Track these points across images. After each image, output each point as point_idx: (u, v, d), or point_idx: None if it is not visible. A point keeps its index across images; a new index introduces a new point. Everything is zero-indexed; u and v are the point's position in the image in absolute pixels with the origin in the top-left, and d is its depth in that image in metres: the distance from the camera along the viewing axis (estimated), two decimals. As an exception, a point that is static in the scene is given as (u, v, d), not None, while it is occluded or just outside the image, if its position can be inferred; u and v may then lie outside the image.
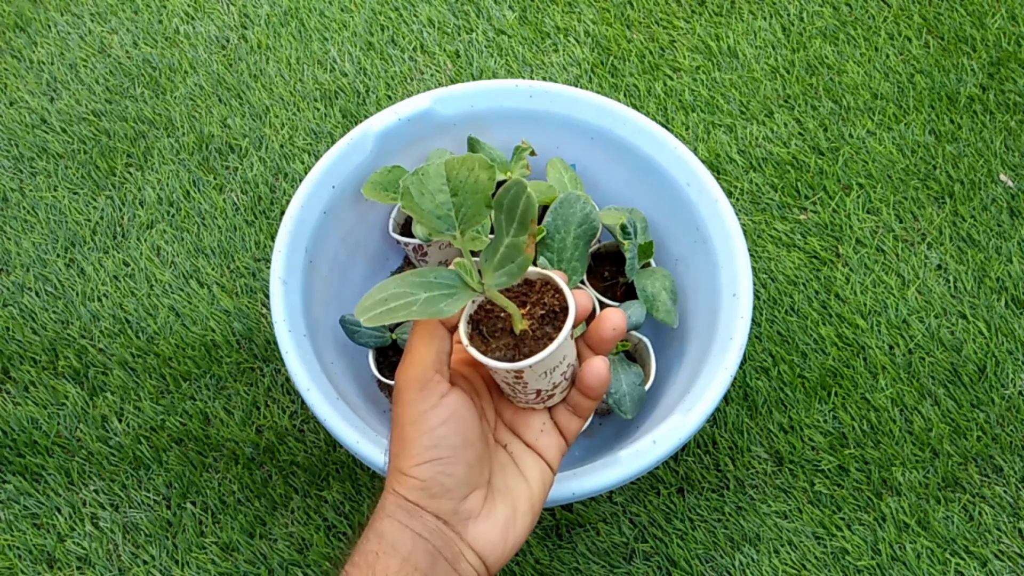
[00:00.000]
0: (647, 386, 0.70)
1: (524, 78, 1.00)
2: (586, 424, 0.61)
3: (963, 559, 0.74)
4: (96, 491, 0.78)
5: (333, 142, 0.87)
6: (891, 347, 0.84)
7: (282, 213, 0.91)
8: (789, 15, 1.05)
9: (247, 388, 0.83)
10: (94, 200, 0.94)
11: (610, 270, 0.78)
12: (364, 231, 0.79)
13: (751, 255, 0.87)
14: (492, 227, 0.72)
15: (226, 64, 1.03)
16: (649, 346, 0.74)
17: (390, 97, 1.00)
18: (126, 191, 0.94)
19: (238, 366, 0.84)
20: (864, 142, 0.95)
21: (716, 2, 1.06)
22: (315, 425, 0.81)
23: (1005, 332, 0.84)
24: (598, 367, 0.46)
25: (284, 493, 0.78)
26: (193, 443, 0.80)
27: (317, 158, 0.95)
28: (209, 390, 0.83)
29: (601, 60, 1.02)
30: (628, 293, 0.76)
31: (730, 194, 0.92)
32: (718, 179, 0.90)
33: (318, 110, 0.99)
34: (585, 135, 0.77)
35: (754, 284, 0.73)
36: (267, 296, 0.87)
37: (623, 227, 0.69)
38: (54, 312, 0.87)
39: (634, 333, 0.75)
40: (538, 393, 0.47)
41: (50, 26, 1.07)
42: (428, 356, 0.44)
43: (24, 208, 0.94)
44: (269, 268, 0.73)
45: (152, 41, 1.05)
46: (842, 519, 0.76)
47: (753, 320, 0.79)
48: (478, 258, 0.44)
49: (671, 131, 0.96)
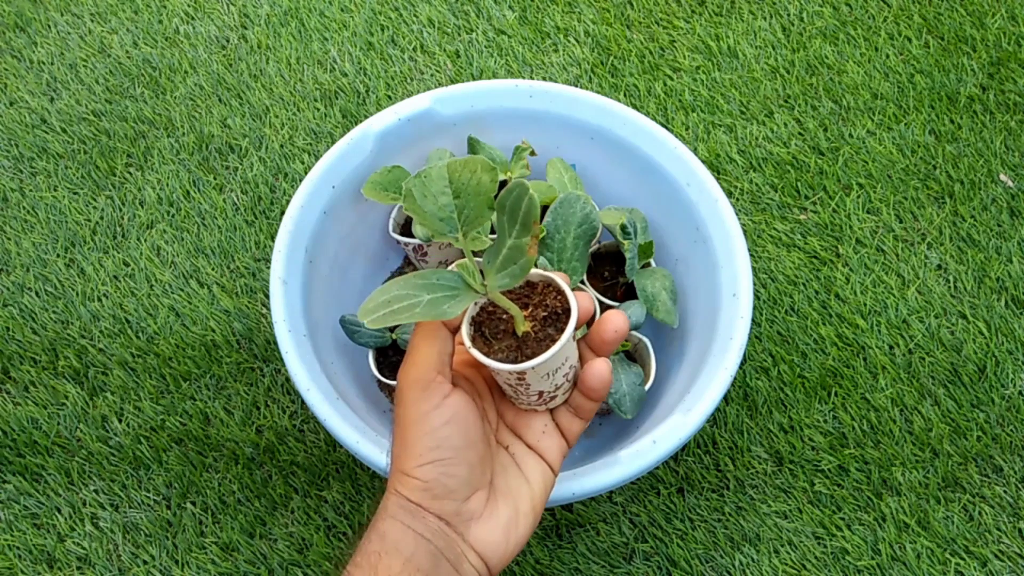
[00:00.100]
0: (647, 386, 0.70)
1: (524, 78, 1.00)
2: (587, 425, 0.61)
3: (963, 559, 0.74)
4: (96, 491, 0.78)
5: (333, 142, 0.87)
6: (891, 347, 0.84)
7: (282, 213, 0.91)
8: (789, 15, 1.05)
9: (247, 388, 0.83)
10: (94, 200, 0.94)
11: (610, 270, 0.78)
12: (364, 231, 0.79)
13: (751, 255, 0.87)
14: (492, 228, 0.72)
15: (226, 64, 1.03)
16: (649, 346, 0.74)
17: (390, 97, 1.00)
18: (126, 191, 0.94)
19: (238, 366, 0.84)
20: (864, 142, 0.95)
21: (716, 2, 1.06)
22: (315, 425, 0.81)
23: (1005, 332, 0.84)
24: (600, 369, 0.46)
25: (284, 493, 0.78)
26: (193, 443, 0.80)
27: (317, 158, 0.95)
28: (209, 390, 0.83)
29: (601, 60, 1.02)
30: (628, 293, 0.76)
31: (730, 194, 0.93)
32: (718, 179, 0.90)
33: (318, 110, 0.99)
34: (585, 135, 0.77)
35: (754, 284, 0.73)
36: (267, 296, 0.87)
37: (623, 227, 0.69)
38: (54, 312, 0.87)
39: (634, 333, 0.75)
40: (540, 395, 0.47)
41: (50, 26, 1.07)
42: (430, 357, 0.44)
43: (24, 208, 0.93)
44: (269, 268, 0.73)
45: (152, 41, 1.05)
46: (842, 519, 0.76)
47: (753, 320, 0.79)
48: (480, 259, 0.44)
49: (671, 131, 0.96)
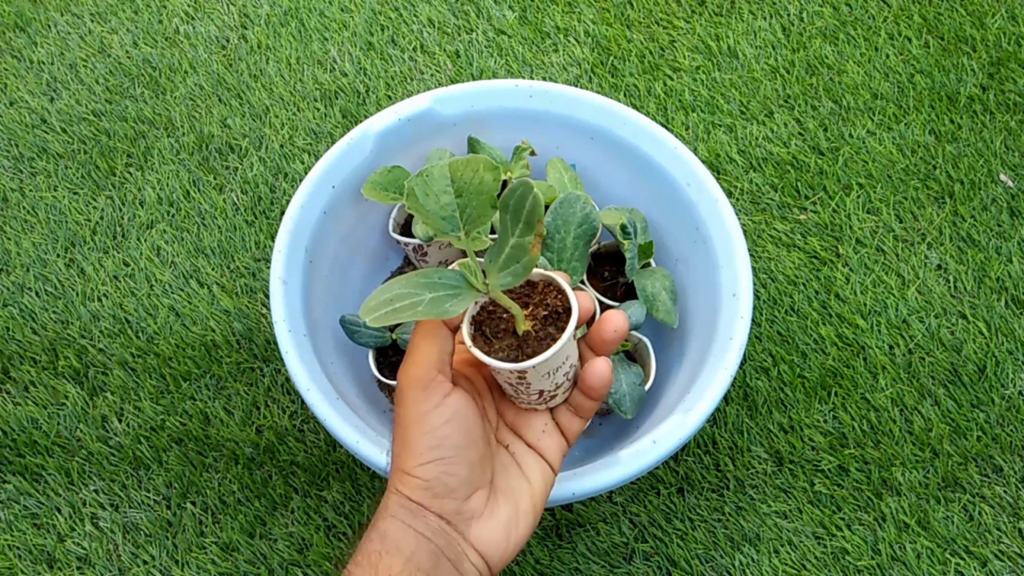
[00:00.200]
0: (647, 386, 0.70)
1: (524, 78, 1.00)
2: (587, 424, 0.61)
3: (963, 559, 0.74)
4: (96, 491, 0.78)
5: (333, 142, 0.87)
6: (891, 347, 0.84)
7: (282, 213, 0.91)
8: (789, 15, 1.05)
9: (247, 388, 0.83)
10: (94, 200, 0.94)
11: (610, 270, 0.78)
12: (364, 231, 0.79)
13: (751, 255, 0.87)
14: (492, 228, 0.72)
15: (226, 64, 1.03)
16: (649, 346, 0.74)
17: (390, 97, 1.00)
18: (126, 191, 0.94)
19: (238, 366, 0.84)
20: (864, 142, 0.96)
21: (716, 2, 1.06)
22: (315, 425, 0.81)
23: (1005, 332, 0.84)
24: (600, 368, 0.46)
25: (284, 493, 0.78)
26: (193, 443, 0.80)
27: (317, 158, 0.95)
28: (209, 390, 0.83)
29: (601, 60, 1.02)
30: (628, 293, 0.76)
31: (730, 194, 0.93)
32: (718, 179, 0.90)
33: (318, 110, 0.99)
34: (585, 135, 0.77)
35: (754, 284, 0.73)
36: (267, 296, 0.87)
37: (623, 227, 0.69)
38: (54, 312, 0.87)
39: (634, 333, 0.75)
40: (540, 394, 0.47)
41: (50, 26, 1.06)
42: (431, 356, 0.44)
43: (24, 208, 0.93)
44: (269, 268, 0.73)
45: (152, 41, 1.05)
46: (842, 519, 0.76)
47: (753, 320, 0.79)
48: (481, 259, 0.44)
49: (671, 131, 0.96)
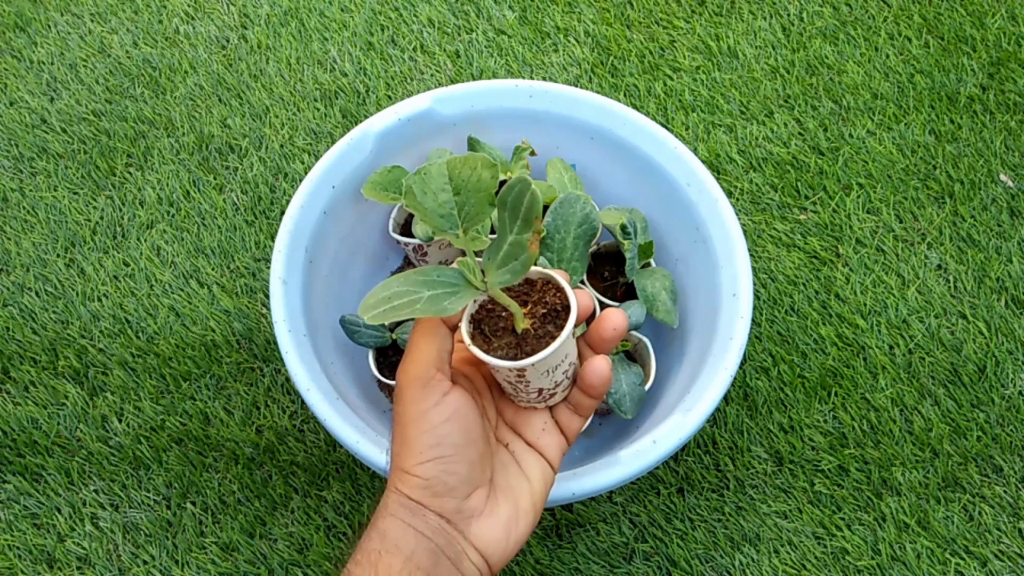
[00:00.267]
0: (647, 386, 0.70)
1: (524, 78, 1.00)
2: (587, 423, 0.61)
3: (963, 559, 0.74)
4: (96, 491, 0.78)
5: (333, 142, 0.87)
6: (891, 347, 0.84)
7: (282, 213, 0.91)
8: (789, 15, 1.05)
9: (247, 388, 0.83)
10: (94, 200, 0.94)
11: (610, 270, 0.78)
12: (364, 231, 0.79)
13: (751, 255, 0.87)
14: (492, 228, 0.72)
15: (226, 64, 1.03)
16: (649, 346, 0.74)
17: (390, 97, 1.00)
18: (126, 191, 0.94)
19: (238, 366, 0.84)
20: (864, 142, 0.96)
21: (716, 2, 1.06)
22: (315, 425, 0.81)
23: (1005, 332, 0.84)
24: (600, 366, 0.46)
25: (284, 493, 0.78)
26: (193, 443, 0.80)
27: (317, 158, 0.95)
28: (209, 390, 0.83)
29: (601, 60, 1.02)
30: (628, 293, 0.76)
31: (730, 194, 0.93)
32: (718, 179, 0.90)
33: (318, 110, 0.99)
34: (585, 135, 0.77)
35: (754, 284, 0.73)
36: (267, 296, 0.87)
37: (623, 227, 0.69)
38: (54, 312, 0.87)
39: (634, 333, 0.75)
40: (540, 392, 0.47)
41: (50, 26, 1.07)
42: (430, 354, 0.44)
43: (24, 208, 0.93)
44: (269, 268, 0.73)
45: (152, 41, 1.05)
46: (842, 519, 0.76)
47: (753, 320, 0.79)
48: (480, 258, 0.44)
49: (671, 131, 0.96)
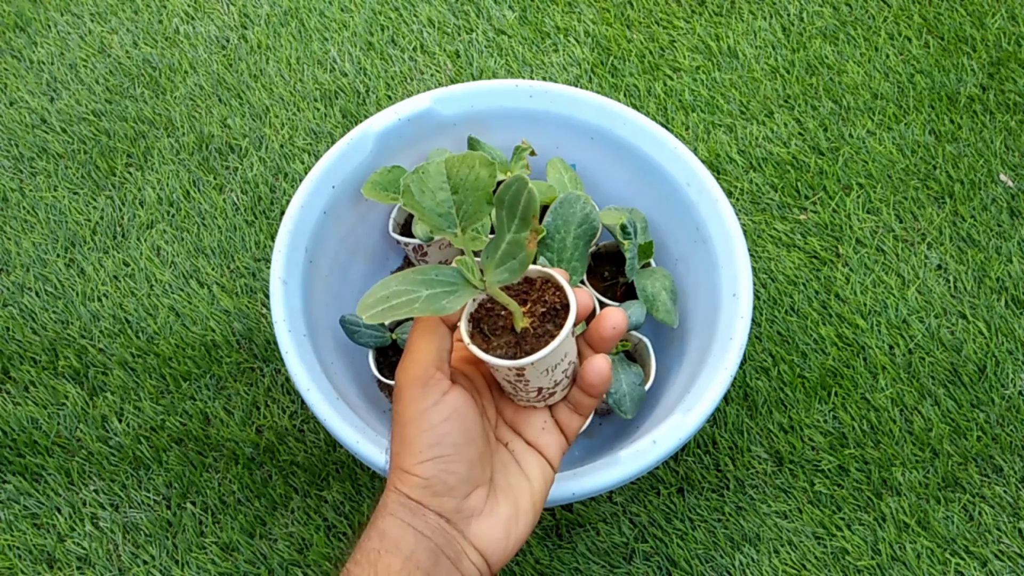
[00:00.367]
0: (647, 386, 0.70)
1: (524, 78, 1.00)
2: (587, 423, 0.61)
3: (963, 559, 0.74)
4: (96, 491, 0.78)
5: (333, 142, 0.87)
6: (891, 347, 0.84)
7: (282, 213, 0.91)
8: (789, 15, 1.05)
9: (247, 388, 0.83)
10: (94, 200, 0.94)
11: (610, 270, 0.78)
12: (364, 231, 0.79)
13: (751, 255, 0.87)
14: (492, 227, 0.72)
15: (226, 64, 1.03)
16: (649, 346, 0.74)
17: (390, 97, 1.00)
18: (126, 191, 0.94)
19: (238, 366, 0.84)
20: (864, 142, 0.95)
21: (716, 2, 1.06)
22: (315, 425, 0.81)
23: (1005, 332, 0.84)
24: (599, 364, 0.46)
25: (284, 493, 0.78)
26: (193, 443, 0.80)
27: (317, 158, 0.95)
28: (209, 390, 0.83)
29: (601, 60, 1.02)
30: (628, 293, 0.76)
31: (730, 194, 0.92)
32: (718, 179, 0.90)
33: (318, 110, 0.99)
34: (585, 135, 0.77)
35: (754, 284, 0.73)
36: (267, 296, 0.87)
37: (623, 227, 0.69)
38: (54, 312, 0.87)
39: (634, 333, 0.75)
40: (539, 391, 0.47)
41: (50, 26, 1.07)
42: (429, 353, 0.44)
43: (24, 208, 0.93)
44: (269, 268, 0.73)
45: (152, 41, 1.05)
46: (842, 519, 0.76)
47: (753, 320, 0.79)
48: (479, 257, 0.44)
49: (671, 131, 0.96)
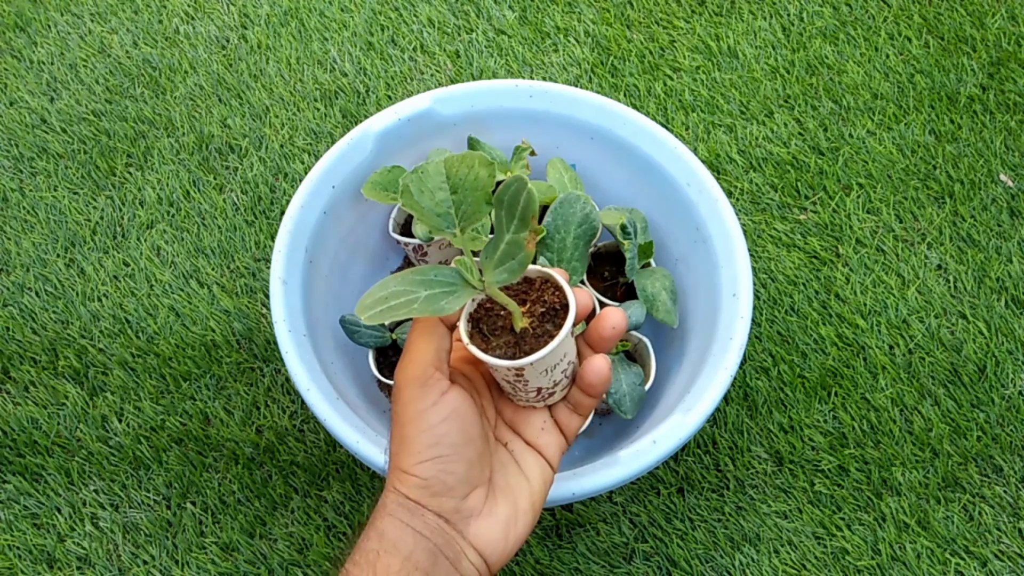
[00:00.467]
0: (647, 386, 0.70)
1: (524, 78, 1.00)
2: (586, 423, 0.61)
3: (963, 559, 0.74)
4: (96, 491, 0.78)
5: (333, 142, 0.87)
6: (891, 347, 0.84)
7: (282, 213, 0.91)
8: (789, 15, 1.05)
9: (247, 388, 0.83)
10: (94, 200, 0.94)
11: (610, 270, 0.78)
12: (364, 231, 0.79)
13: (751, 255, 0.87)
14: (492, 227, 0.72)
15: (226, 64, 1.03)
16: (649, 346, 0.74)
17: (390, 97, 1.00)
18: (126, 191, 0.94)
19: (238, 366, 0.84)
20: (864, 142, 0.95)
21: (716, 2, 1.06)
22: (315, 425, 0.81)
23: (1005, 332, 0.84)
24: (599, 364, 0.46)
25: (284, 493, 0.78)
26: (193, 443, 0.80)
27: (317, 158, 0.95)
28: (209, 390, 0.83)
29: (601, 60, 1.02)
30: (628, 293, 0.76)
31: (730, 194, 0.92)
32: (718, 179, 0.90)
33: (318, 110, 0.99)
34: (585, 135, 0.77)
35: (754, 284, 0.73)
36: (267, 296, 0.87)
37: (623, 227, 0.69)
38: (54, 312, 0.87)
39: (634, 333, 0.75)
40: (539, 391, 0.47)
41: (50, 26, 1.07)
42: (428, 354, 0.44)
43: (24, 208, 0.93)
44: (269, 268, 0.73)
45: (152, 41, 1.05)
46: (842, 519, 0.76)
47: (753, 320, 0.79)
48: (478, 257, 0.44)
49: (671, 131, 0.96)
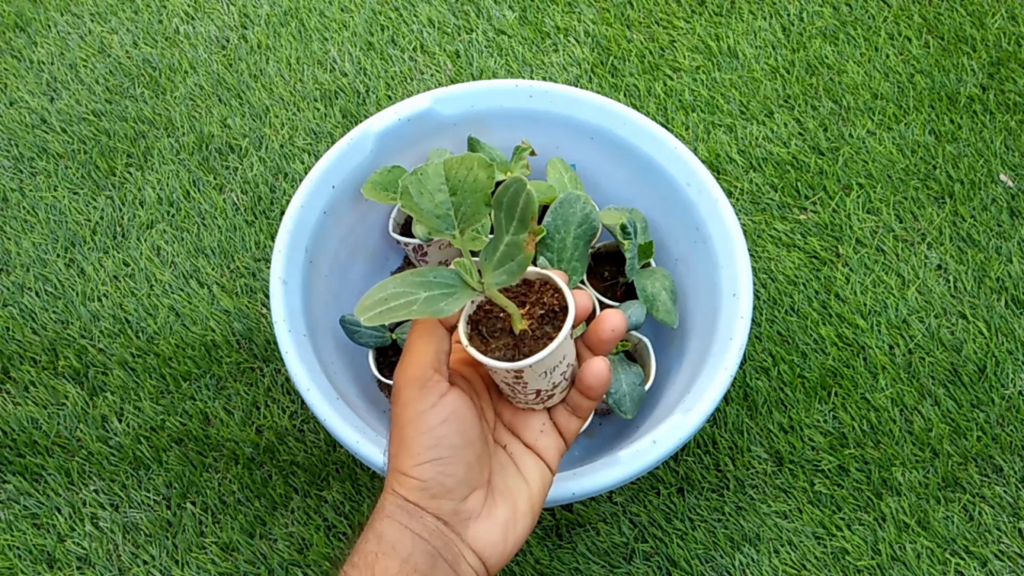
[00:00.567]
0: (647, 386, 0.70)
1: (524, 78, 1.00)
2: (585, 424, 0.61)
3: (963, 559, 0.74)
4: (96, 491, 0.78)
5: (333, 142, 0.87)
6: (891, 347, 0.84)
7: (282, 213, 0.91)
8: (789, 15, 1.05)
9: (247, 388, 0.83)
10: (94, 200, 0.94)
11: (610, 270, 0.78)
12: (364, 231, 0.79)
13: (751, 255, 0.87)
14: (492, 228, 0.72)
15: (226, 64, 1.03)
16: (649, 346, 0.74)
17: (390, 97, 1.00)
18: (126, 191, 0.94)
19: (238, 366, 0.84)
20: (864, 142, 0.95)
21: (716, 2, 1.06)
22: (315, 425, 0.81)
23: (1005, 332, 0.84)
24: (598, 367, 0.46)
25: (284, 493, 0.78)
26: (193, 443, 0.80)
27: (317, 158, 0.95)
28: (209, 390, 0.83)
29: (601, 60, 1.02)
30: (628, 293, 0.76)
31: (730, 194, 0.92)
32: (718, 179, 0.90)
33: (318, 110, 0.99)
34: (585, 135, 0.77)
35: (754, 284, 0.73)
36: (267, 296, 0.87)
37: (623, 227, 0.69)
38: (54, 312, 0.87)
39: (634, 333, 0.75)
40: (538, 393, 0.47)
41: (50, 26, 1.07)
42: (427, 355, 0.44)
43: (24, 208, 0.94)
44: (269, 268, 0.73)
45: (152, 41, 1.05)
46: (842, 519, 0.76)
47: (753, 320, 0.79)
48: (478, 258, 0.44)
49: (671, 131, 0.96)
